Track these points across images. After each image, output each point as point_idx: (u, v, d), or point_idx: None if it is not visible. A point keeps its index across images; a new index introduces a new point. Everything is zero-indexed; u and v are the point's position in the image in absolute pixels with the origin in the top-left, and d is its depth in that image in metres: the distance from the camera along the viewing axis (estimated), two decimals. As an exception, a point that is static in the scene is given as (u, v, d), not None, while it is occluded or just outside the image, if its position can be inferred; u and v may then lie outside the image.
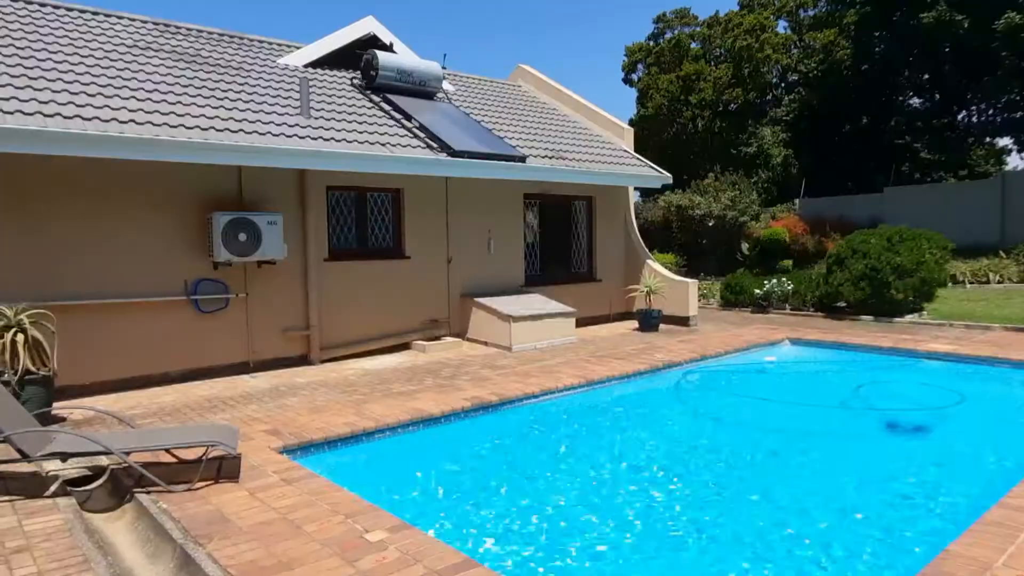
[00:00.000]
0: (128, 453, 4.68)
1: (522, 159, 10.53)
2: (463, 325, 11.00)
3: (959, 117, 27.70)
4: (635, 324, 12.39)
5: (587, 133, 13.69)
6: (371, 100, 10.59)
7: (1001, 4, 20.67)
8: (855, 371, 9.10)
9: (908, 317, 12.38)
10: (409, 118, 10.24)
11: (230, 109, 8.38)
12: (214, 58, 9.93)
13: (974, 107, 27.03)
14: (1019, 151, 26.68)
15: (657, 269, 13.12)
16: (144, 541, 4.12)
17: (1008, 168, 29.57)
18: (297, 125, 8.66)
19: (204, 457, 4.86)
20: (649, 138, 34.04)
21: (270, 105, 8.94)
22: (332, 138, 8.72)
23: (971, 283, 17.51)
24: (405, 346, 10.37)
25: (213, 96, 8.54)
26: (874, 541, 4.22)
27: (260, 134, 8.09)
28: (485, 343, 10.57)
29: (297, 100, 9.32)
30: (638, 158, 13.51)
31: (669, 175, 13.26)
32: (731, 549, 4.15)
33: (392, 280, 10.21)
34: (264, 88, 9.46)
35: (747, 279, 15.13)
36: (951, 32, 22.57)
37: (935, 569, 3.37)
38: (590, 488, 5.22)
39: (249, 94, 9.05)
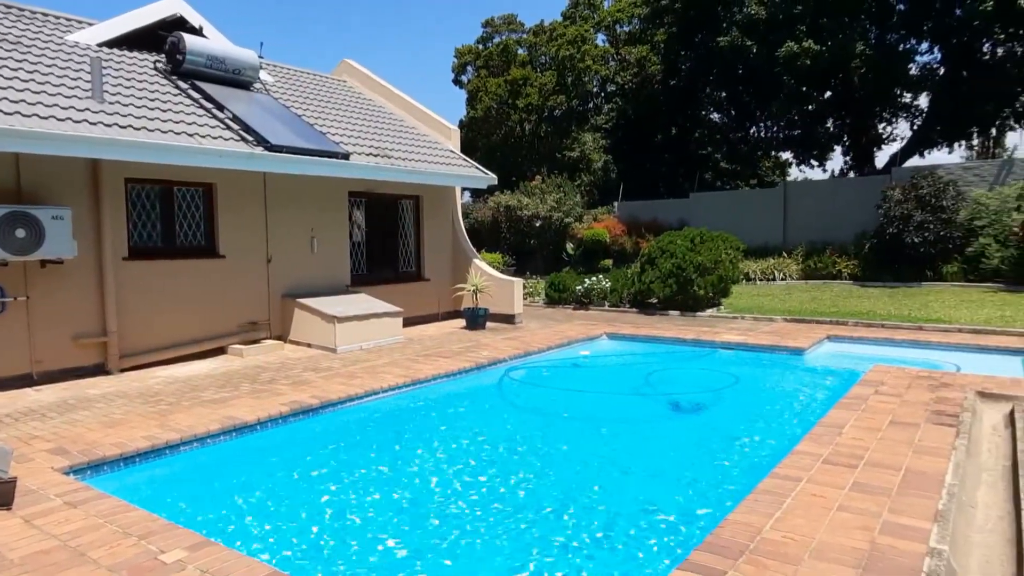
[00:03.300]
0: None
1: (345, 156, 10.28)
2: (285, 327, 10.55)
3: (751, 132, 31.01)
4: (463, 323, 12.58)
5: (414, 132, 13.67)
6: (177, 87, 9.82)
7: (782, 34, 23.45)
8: (662, 361, 9.90)
9: (708, 311, 13.67)
10: (221, 108, 9.62)
11: (4, 88, 7.39)
12: (-17, 29, 8.71)
13: (762, 124, 30.40)
14: (798, 164, 30.47)
15: (484, 268, 13.40)
16: None
17: (790, 179, 33.60)
18: (88, 110, 7.82)
19: (-34, 484, 4.25)
20: (479, 139, 34.72)
21: (55, 86, 8.01)
22: (130, 126, 7.98)
23: (761, 280, 19.71)
24: (221, 351, 9.75)
25: (-19, 72, 7.49)
26: (660, 513, 4.62)
27: (42, 118, 7.21)
28: (309, 345, 10.21)
29: (88, 82, 8.42)
30: (464, 159, 13.72)
31: (494, 176, 13.59)
32: (543, 527, 4.36)
33: (204, 280, 9.55)
34: (48, 67, 8.45)
35: (570, 278, 15.91)
36: (743, 56, 25.22)
37: (715, 537, 3.75)
38: (410, 489, 5.23)
39: (29, 72, 8.05)
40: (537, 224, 22.49)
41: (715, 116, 31.69)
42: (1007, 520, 4.17)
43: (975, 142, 26.94)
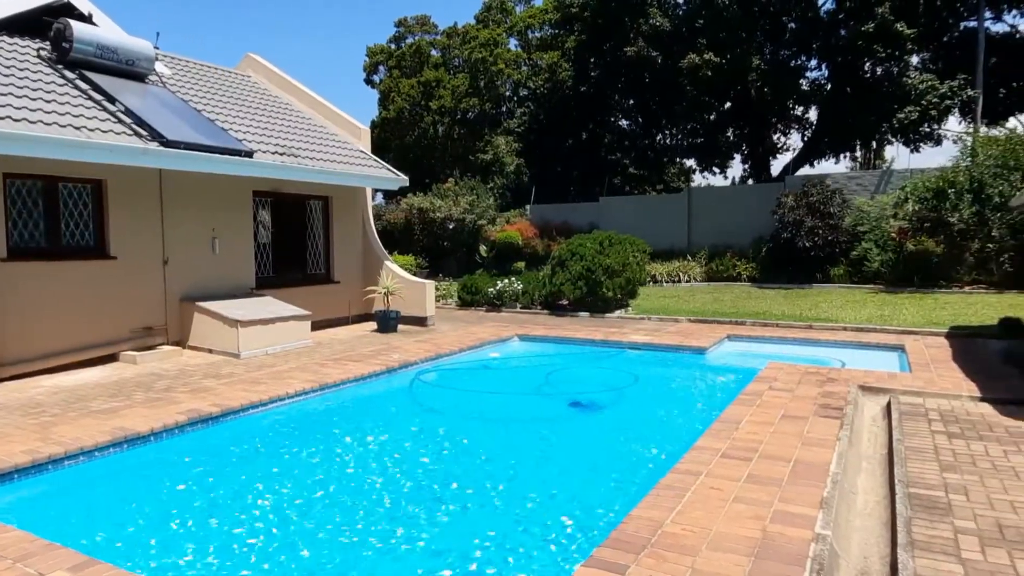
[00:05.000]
0: None
1: (249, 154, 9.92)
2: (184, 332, 10.06)
3: (657, 139, 32.11)
4: (374, 326, 12.39)
5: (322, 131, 13.35)
6: (64, 76, 9.20)
7: (685, 46, 24.44)
8: (573, 362, 10.09)
9: (617, 312, 14.04)
10: (113, 100, 9.08)
11: None
12: None
13: (668, 131, 31.55)
14: (701, 171, 31.86)
15: (395, 270, 13.24)
16: None
17: (694, 185, 35.01)
18: (-41, 98, 7.22)
19: None
20: (391, 140, 34.31)
21: (-81, 71, 7.34)
22: (9, 116, 7.41)
23: (667, 282, 20.41)
24: (113, 358, 9.20)
25: None
26: (564, 512, 4.71)
27: (-97, 106, 6.59)
28: (210, 350, 9.78)
29: (-41, 68, 7.77)
30: (375, 159, 13.51)
31: (406, 178, 13.46)
32: (448, 527, 4.35)
33: (94, 283, 8.98)
34: (-89, 50, 7.73)
35: (482, 280, 15.96)
36: (649, 65, 26.09)
37: (619, 533, 3.85)
38: (315, 497, 5.10)
39: None
40: (450, 226, 22.44)
41: (624, 123, 32.61)
42: (883, 504, 4.51)
43: (858, 153, 28.90)
